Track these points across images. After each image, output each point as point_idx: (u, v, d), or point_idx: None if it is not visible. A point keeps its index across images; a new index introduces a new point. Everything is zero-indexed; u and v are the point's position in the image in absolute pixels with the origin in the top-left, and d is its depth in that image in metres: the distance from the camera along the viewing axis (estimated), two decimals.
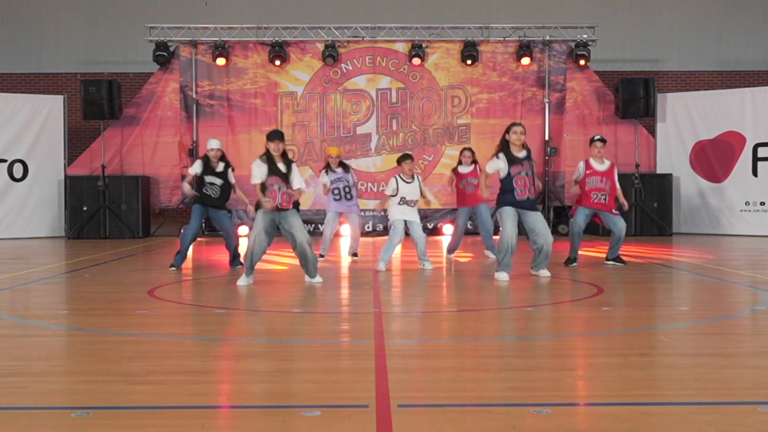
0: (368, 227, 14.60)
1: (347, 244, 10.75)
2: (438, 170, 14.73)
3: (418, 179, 8.65)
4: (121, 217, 14.13)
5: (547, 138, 14.92)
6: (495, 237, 9.01)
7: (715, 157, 14.49)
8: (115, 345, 4.67)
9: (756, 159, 14.13)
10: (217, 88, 14.91)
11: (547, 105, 14.98)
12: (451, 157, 13.92)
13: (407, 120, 14.99)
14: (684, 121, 14.81)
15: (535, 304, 6.33)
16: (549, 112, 14.99)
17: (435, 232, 14.47)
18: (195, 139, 14.75)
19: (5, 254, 11.38)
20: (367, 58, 15.00)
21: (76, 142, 16.09)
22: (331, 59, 14.60)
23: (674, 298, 6.98)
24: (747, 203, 14.23)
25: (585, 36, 14.82)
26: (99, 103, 14.18)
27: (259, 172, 7.11)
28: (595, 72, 15.22)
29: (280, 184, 7.10)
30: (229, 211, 9.42)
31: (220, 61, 14.57)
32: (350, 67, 14.99)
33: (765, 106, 14.12)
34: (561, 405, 3.32)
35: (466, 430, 3.01)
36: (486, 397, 3.47)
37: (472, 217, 10.34)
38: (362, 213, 13.15)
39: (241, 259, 8.47)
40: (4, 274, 8.54)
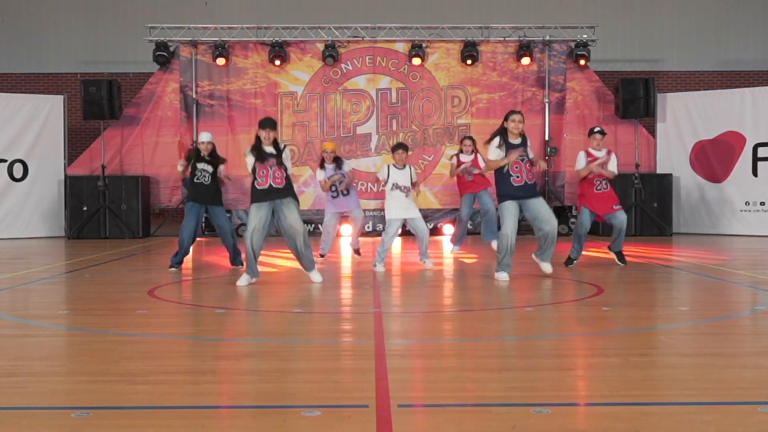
0: (368, 227, 14.59)
1: (347, 244, 10.74)
2: (438, 170, 14.73)
3: (410, 168, 8.68)
4: (121, 217, 14.13)
5: (547, 138, 14.92)
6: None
7: (715, 157, 14.48)
8: (115, 345, 4.67)
9: (756, 159, 14.13)
10: (217, 88, 14.91)
11: (547, 105, 14.98)
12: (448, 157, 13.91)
13: (407, 120, 14.99)
14: (684, 121, 14.80)
15: (535, 304, 6.33)
16: (549, 112, 14.99)
17: (435, 232, 14.46)
18: (195, 139, 14.70)
19: (5, 254, 11.38)
20: (367, 58, 15.00)
21: (76, 142, 16.11)
22: (331, 59, 14.60)
23: (674, 298, 6.98)
24: (747, 203, 14.23)
25: (585, 36, 14.82)
26: (99, 103, 14.18)
27: (249, 160, 7.22)
28: (595, 72, 15.22)
29: (271, 164, 7.14)
30: (228, 211, 9.39)
31: (220, 61, 14.58)
32: (350, 67, 14.99)
33: (765, 106, 14.11)
34: (561, 405, 3.32)
35: (466, 430, 3.01)
36: (486, 397, 3.47)
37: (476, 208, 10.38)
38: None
39: (243, 259, 8.42)
40: (4, 274, 8.54)
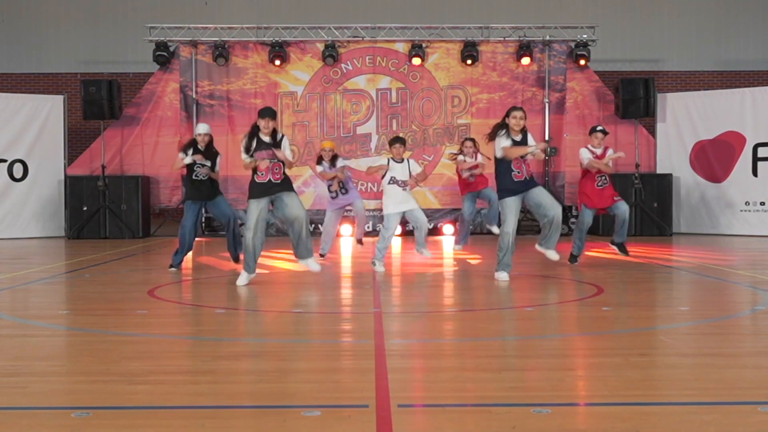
0: (368, 227, 14.59)
1: (347, 244, 10.74)
2: (438, 170, 14.72)
3: (408, 161, 8.65)
4: (121, 217, 14.13)
5: (547, 138, 14.90)
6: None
7: (715, 157, 14.48)
8: (115, 345, 4.67)
9: (756, 159, 14.12)
10: (217, 88, 14.90)
11: (547, 105, 14.97)
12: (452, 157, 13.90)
13: (407, 120, 14.99)
14: (684, 121, 14.80)
15: (535, 304, 6.34)
16: (549, 112, 14.98)
17: (435, 232, 14.46)
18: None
19: (5, 254, 11.38)
20: (367, 58, 15.00)
21: (76, 142, 16.10)
22: (331, 59, 14.59)
23: (674, 298, 6.98)
24: (747, 203, 14.22)
25: (585, 36, 14.81)
26: (99, 103, 14.17)
27: (244, 146, 7.17)
28: (595, 72, 15.21)
29: (270, 158, 7.10)
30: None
31: (220, 61, 14.57)
32: (350, 67, 14.99)
33: (765, 106, 14.11)
34: (561, 405, 3.32)
35: (466, 430, 3.02)
36: (486, 397, 3.46)
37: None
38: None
39: (241, 255, 8.24)
40: (4, 274, 8.54)
